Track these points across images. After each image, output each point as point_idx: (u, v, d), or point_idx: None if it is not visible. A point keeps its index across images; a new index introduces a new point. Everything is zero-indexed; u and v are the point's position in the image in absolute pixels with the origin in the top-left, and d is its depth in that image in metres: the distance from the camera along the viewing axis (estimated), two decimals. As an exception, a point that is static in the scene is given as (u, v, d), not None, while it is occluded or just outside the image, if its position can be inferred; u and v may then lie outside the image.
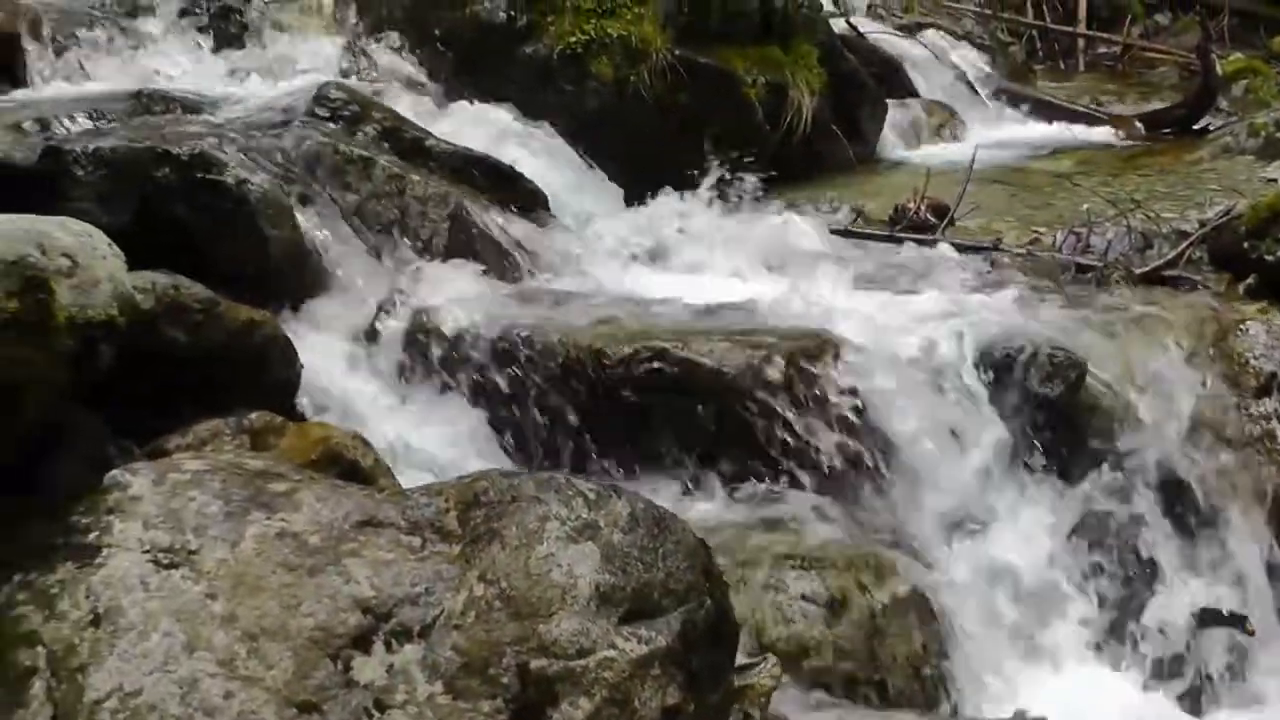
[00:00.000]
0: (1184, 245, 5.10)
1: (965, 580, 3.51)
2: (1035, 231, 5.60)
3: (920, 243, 5.33)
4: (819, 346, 3.75)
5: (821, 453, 3.59)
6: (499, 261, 4.55)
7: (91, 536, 2.25)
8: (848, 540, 3.41)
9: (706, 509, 3.46)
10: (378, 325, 3.98)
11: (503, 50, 6.11)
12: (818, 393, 3.62)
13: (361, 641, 2.17)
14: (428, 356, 3.84)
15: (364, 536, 2.34)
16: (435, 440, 3.60)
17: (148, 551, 2.21)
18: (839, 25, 8.40)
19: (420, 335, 3.89)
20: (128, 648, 2.07)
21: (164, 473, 2.45)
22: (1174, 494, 3.89)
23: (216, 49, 6.48)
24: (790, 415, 3.56)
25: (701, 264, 5.01)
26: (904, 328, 3.98)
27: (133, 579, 2.16)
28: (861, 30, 9.09)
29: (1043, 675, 3.46)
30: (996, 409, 3.78)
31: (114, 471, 2.47)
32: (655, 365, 3.62)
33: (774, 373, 3.60)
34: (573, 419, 3.65)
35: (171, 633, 2.09)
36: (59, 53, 6.19)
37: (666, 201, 5.58)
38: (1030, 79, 10.67)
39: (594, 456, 3.63)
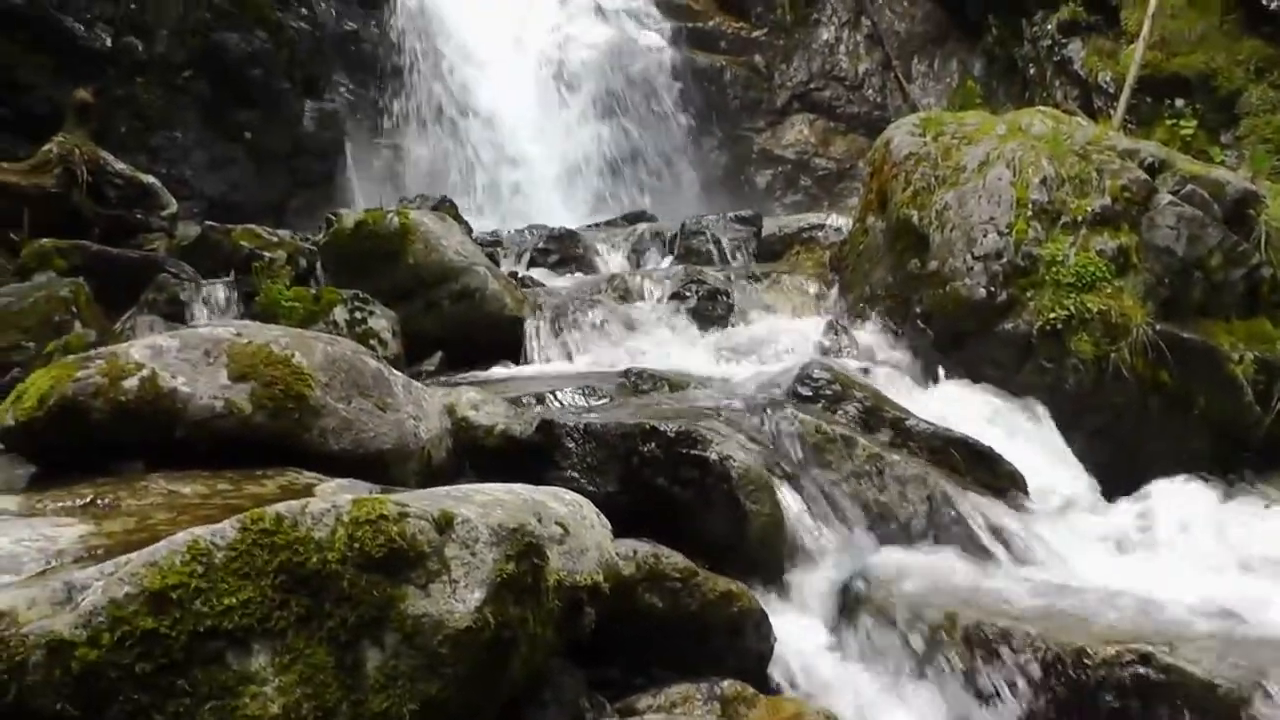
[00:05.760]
0: None
1: None
2: None
3: None
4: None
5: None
6: (976, 548, 4.57)
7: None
8: None
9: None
10: (851, 605, 4.09)
11: (982, 327, 6.20)
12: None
13: None
14: (900, 640, 3.88)
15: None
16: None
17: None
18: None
19: (892, 619, 3.95)
20: None
21: (635, 732, 2.64)
22: None
23: (703, 329, 7.05)
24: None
25: (1189, 558, 4.77)
26: None
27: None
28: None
29: None
30: None
31: (586, 727, 2.69)
32: (1139, 670, 3.46)
33: (1274, 689, 3.35)
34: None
35: None
36: (556, 333, 6.97)
37: (1150, 488, 5.42)
38: None
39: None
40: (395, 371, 4.03)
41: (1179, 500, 5.28)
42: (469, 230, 9.03)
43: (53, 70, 10.51)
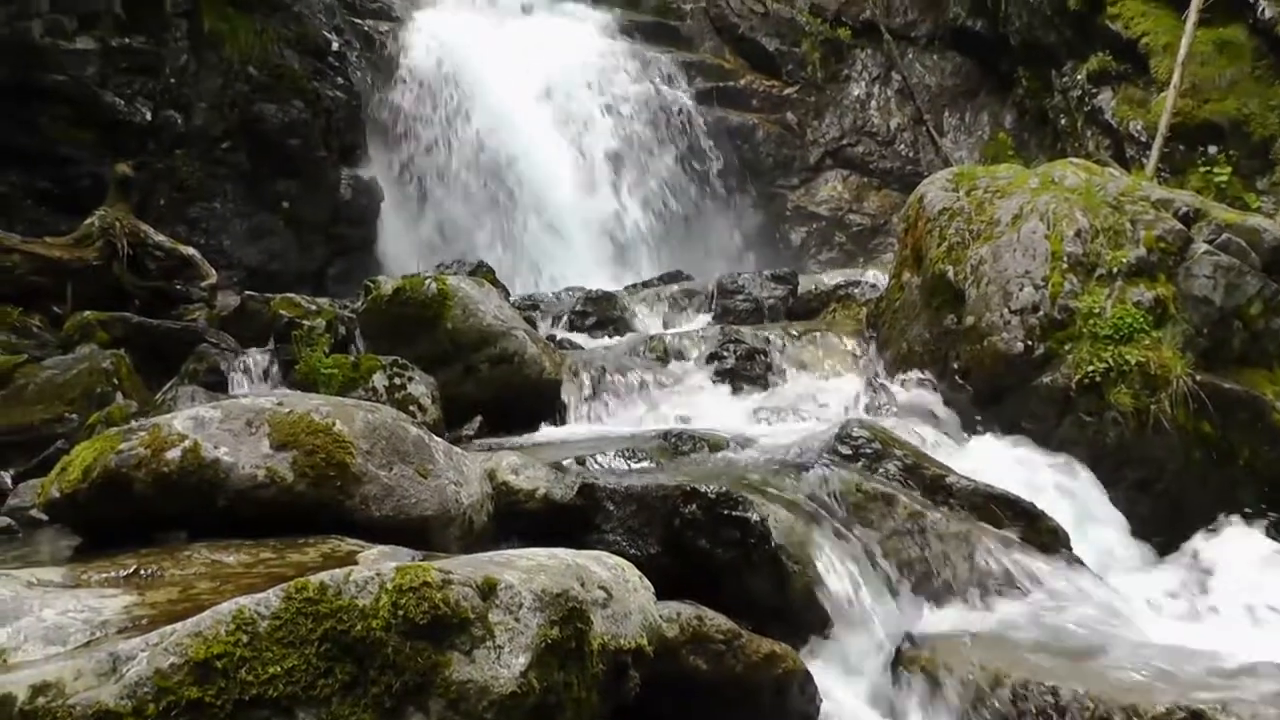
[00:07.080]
0: None
1: None
2: None
3: None
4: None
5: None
6: (1019, 605, 4.52)
7: None
8: None
9: None
10: (896, 665, 4.06)
11: (1020, 382, 6.19)
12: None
13: None
14: (946, 699, 3.85)
15: None
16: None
17: None
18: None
19: (937, 678, 3.91)
20: None
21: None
22: None
23: (741, 389, 7.04)
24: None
25: (1238, 613, 4.73)
26: None
27: None
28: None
29: None
30: None
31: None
32: (1192, 729, 3.41)
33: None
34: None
35: None
36: (595, 395, 6.98)
37: (1196, 541, 5.38)
38: None
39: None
40: (435, 437, 4.04)
41: (1225, 554, 5.23)
42: (507, 294, 9.08)
43: (94, 145, 10.66)
